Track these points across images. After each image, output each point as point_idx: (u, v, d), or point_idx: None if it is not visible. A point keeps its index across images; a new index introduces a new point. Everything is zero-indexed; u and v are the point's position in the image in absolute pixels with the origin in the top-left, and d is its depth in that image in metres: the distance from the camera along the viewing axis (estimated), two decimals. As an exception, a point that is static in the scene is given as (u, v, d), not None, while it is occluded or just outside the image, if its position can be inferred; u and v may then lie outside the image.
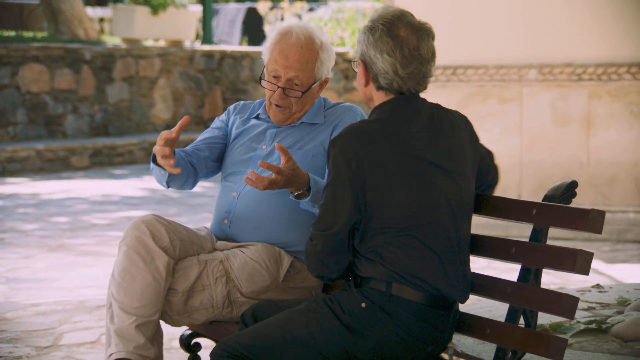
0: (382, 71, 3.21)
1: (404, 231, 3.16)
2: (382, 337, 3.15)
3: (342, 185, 3.17)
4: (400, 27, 3.21)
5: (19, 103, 13.87)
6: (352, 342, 3.15)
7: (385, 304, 3.14)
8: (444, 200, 3.20)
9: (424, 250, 3.17)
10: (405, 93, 3.24)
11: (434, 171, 3.20)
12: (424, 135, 3.21)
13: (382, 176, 3.16)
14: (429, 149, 3.21)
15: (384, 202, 3.16)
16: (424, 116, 3.24)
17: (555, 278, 6.85)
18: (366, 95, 3.31)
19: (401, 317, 3.14)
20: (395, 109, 3.23)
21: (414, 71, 3.21)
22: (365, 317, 3.15)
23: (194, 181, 3.97)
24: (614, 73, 8.50)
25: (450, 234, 3.21)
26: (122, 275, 3.63)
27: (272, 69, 3.84)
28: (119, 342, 3.60)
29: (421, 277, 3.16)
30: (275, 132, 3.92)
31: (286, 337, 3.19)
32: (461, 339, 3.77)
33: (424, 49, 3.22)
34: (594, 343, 3.86)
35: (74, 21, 16.45)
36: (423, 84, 3.25)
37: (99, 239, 8.56)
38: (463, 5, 8.76)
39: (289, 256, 3.81)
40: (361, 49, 3.26)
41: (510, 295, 3.22)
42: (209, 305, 3.73)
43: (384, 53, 3.19)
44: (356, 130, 3.19)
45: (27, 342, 5.40)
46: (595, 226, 3.10)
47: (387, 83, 3.22)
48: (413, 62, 3.20)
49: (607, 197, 8.58)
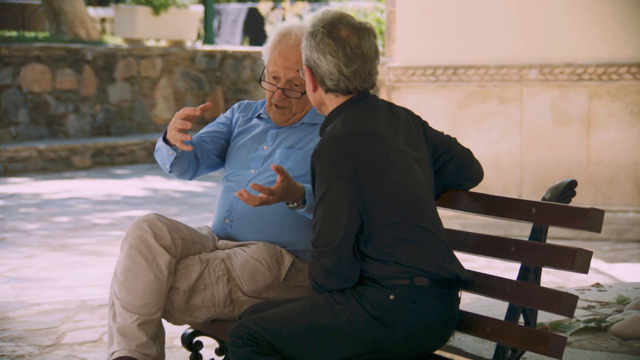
0: (327, 72, 3.27)
1: (408, 223, 3.21)
2: (412, 327, 3.18)
3: (337, 194, 3.18)
4: (341, 28, 3.27)
5: (20, 103, 13.90)
6: (384, 333, 3.18)
7: (413, 295, 3.18)
8: (425, 186, 3.28)
9: (430, 237, 3.23)
10: (352, 92, 3.29)
11: (411, 160, 3.28)
12: (390, 128, 3.29)
13: (375, 174, 3.20)
14: (399, 140, 3.28)
15: (382, 199, 3.20)
16: (381, 110, 3.32)
17: (555, 277, 6.87)
18: (317, 100, 3.37)
19: (429, 305, 3.18)
20: (357, 108, 3.29)
21: (359, 69, 3.27)
22: (394, 308, 3.18)
23: (195, 172, 3.99)
24: (614, 73, 8.51)
25: (435, 219, 3.29)
26: (125, 274, 3.65)
27: (272, 70, 3.86)
28: (121, 340, 3.62)
29: (436, 265, 3.20)
30: (276, 133, 3.94)
31: (313, 325, 3.21)
32: (461, 337, 3.79)
33: (366, 46, 3.28)
34: (593, 341, 3.89)
35: (76, 21, 16.47)
36: (369, 81, 3.31)
37: (100, 239, 8.59)
38: (464, 6, 8.78)
39: (290, 255, 3.83)
40: (305, 55, 3.32)
41: (510, 293, 3.25)
42: (210, 304, 3.75)
43: (327, 54, 3.25)
44: (336, 137, 3.23)
45: (29, 341, 5.42)
46: (594, 225, 3.12)
47: (334, 84, 3.28)
48: (356, 60, 3.26)
49: (607, 196, 8.60)
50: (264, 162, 3.90)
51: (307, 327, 3.22)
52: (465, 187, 3.56)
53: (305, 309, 3.26)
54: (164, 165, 3.91)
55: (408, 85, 8.90)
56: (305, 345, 3.22)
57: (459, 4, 8.78)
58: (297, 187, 3.53)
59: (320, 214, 3.21)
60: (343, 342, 3.21)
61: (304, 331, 3.22)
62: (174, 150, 3.80)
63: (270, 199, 3.45)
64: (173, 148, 3.81)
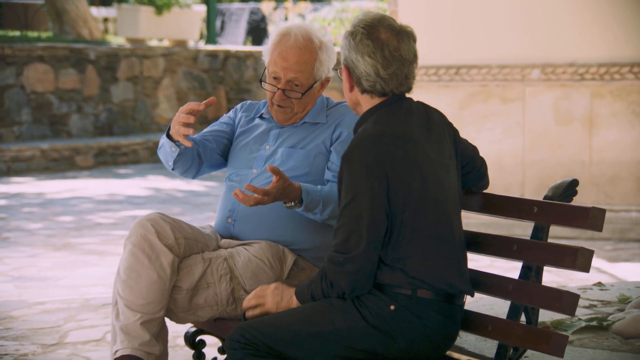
0: (364, 74, 3.24)
1: (425, 233, 3.18)
2: (412, 338, 3.18)
3: (366, 198, 3.14)
4: (381, 30, 3.24)
5: (23, 103, 13.91)
6: (382, 342, 3.18)
7: (414, 307, 3.17)
8: (447, 196, 3.24)
9: (445, 250, 3.20)
10: (388, 94, 3.27)
11: (437, 167, 3.24)
12: (422, 132, 3.26)
13: (400, 177, 3.17)
14: (430, 146, 3.25)
15: (403, 203, 3.16)
16: (415, 114, 3.29)
17: (557, 276, 6.88)
18: (352, 100, 3.34)
19: (429, 317, 3.18)
20: (390, 110, 3.26)
21: (396, 72, 3.24)
22: (394, 319, 3.17)
23: (198, 170, 4.00)
24: (617, 73, 8.52)
25: (454, 230, 3.25)
26: (128, 273, 3.66)
27: (272, 70, 3.87)
28: (124, 339, 3.63)
29: (442, 279, 3.19)
30: (279, 133, 3.95)
31: (310, 331, 3.21)
32: (463, 336, 3.80)
33: (405, 50, 3.24)
34: (595, 340, 3.89)
35: (79, 21, 16.49)
36: (406, 85, 3.28)
37: (103, 238, 8.60)
38: (466, 6, 8.79)
39: (293, 254, 3.84)
40: (344, 54, 3.30)
41: (512, 292, 3.25)
42: (213, 303, 3.76)
43: (365, 55, 3.23)
44: (366, 139, 3.19)
45: (32, 340, 5.43)
46: (596, 224, 3.13)
47: (370, 85, 3.25)
48: (394, 63, 3.23)
49: (610, 196, 8.60)
50: (266, 161, 3.91)
51: (306, 332, 3.21)
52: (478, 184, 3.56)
53: (305, 314, 3.25)
54: (167, 162, 3.92)
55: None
56: (304, 351, 3.22)
57: (461, 4, 8.79)
58: (293, 187, 3.55)
59: (347, 217, 3.16)
60: (341, 349, 3.20)
61: (302, 336, 3.21)
62: (177, 146, 3.82)
63: (265, 199, 3.48)
64: (176, 144, 3.82)
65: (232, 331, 3.29)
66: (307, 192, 3.60)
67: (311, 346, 3.21)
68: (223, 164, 4.08)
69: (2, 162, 12.95)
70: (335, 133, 3.87)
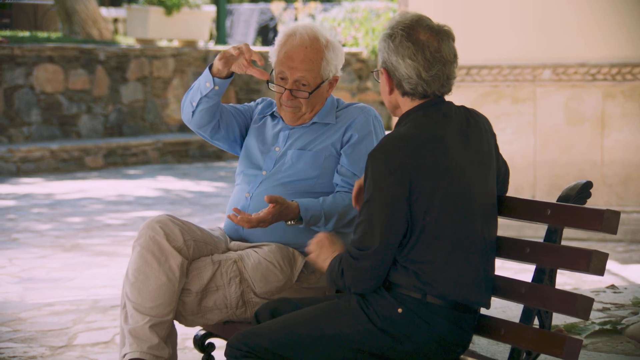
0: (405, 76, 3.18)
1: (446, 241, 3.14)
2: (420, 343, 3.15)
3: (385, 198, 3.11)
4: (420, 31, 3.19)
5: (33, 103, 13.91)
6: (390, 346, 3.15)
7: (422, 311, 3.14)
8: (477, 204, 3.19)
9: (462, 260, 3.16)
10: (430, 96, 3.22)
11: (469, 175, 3.19)
12: (458, 138, 3.20)
13: (426, 181, 3.12)
14: (463, 152, 3.19)
15: (427, 212, 3.12)
16: (454, 119, 3.23)
17: (569, 278, 6.83)
18: (392, 103, 3.28)
19: (437, 323, 3.14)
20: (427, 113, 3.21)
21: (438, 73, 3.18)
22: (402, 323, 3.14)
23: (214, 131, 3.96)
24: (629, 73, 8.47)
25: (480, 240, 3.20)
26: (136, 276, 3.64)
27: (279, 70, 3.84)
28: (133, 342, 3.61)
29: (455, 289, 3.15)
30: (288, 134, 3.92)
31: (315, 334, 3.18)
32: (476, 340, 3.76)
33: (446, 50, 3.19)
34: (609, 344, 3.85)
35: (88, 21, 16.49)
36: (447, 86, 3.23)
37: (113, 239, 8.58)
38: (476, 6, 8.75)
39: (303, 256, 3.81)
40: (382, 57, 3.23)
41: (525, 295, 3.21)
42: (222, 306, 3.73)
43: (406, 58, 3.17)
44: (396, 141, 3.15)
45: (41, 342, 5.41)
46: (610, 226, 3.09)
47: (412, 88, 3.20)
48: (435, 64, 3.18)
49: (621, 197, 8.55)
50: (276, 163, 3.89)
51: (311, 335, 3.18)
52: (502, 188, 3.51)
53: (310, 317, 3.22)
54: (192, 102, 3.88)
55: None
56: (310, 354, 3.18)
57: (471, 4, 8.75)
58: (290, 208, 3.62)
59: (365, 215, 3.13)
60: (348, 352, 3.17)
61: (308, 340, 3.18)
62: (214, 82, 3.79)
63: (261, 225, 3.60)
64: (214, 80, 3.78)
65: (232, 338, 3.24)
66: (306, 209, 3.63)
67: (317, 349, 3.18)
68: (236, 142, 4.02)
69: (12, 162, 12.94)
70: (345, 135, 3.84)
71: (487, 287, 3.24)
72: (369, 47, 15.40)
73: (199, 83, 3.86)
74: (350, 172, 3.78)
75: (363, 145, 3.81)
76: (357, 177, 3.75)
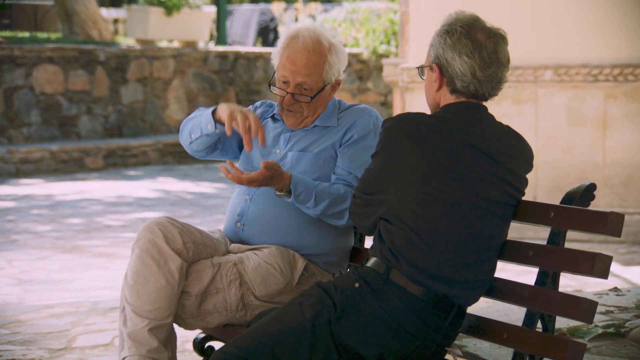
0: (459, 73, 3.17)
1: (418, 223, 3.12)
2: (367, 320, 3.09)
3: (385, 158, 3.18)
4: (478, 30, 3.19)
5: (33, 104, 13.88)
6: (337, 320, 3.09)
7: (379, 287, 3.10)
8: (472, 205, 3.14)
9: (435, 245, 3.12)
10: (479, 97, 3.20)
11: (472, 176, 3.15)
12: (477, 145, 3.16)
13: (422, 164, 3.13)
14: (477, 159, 3.15)
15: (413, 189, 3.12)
16: (484, 125, 3.20)
17: (571, 280, 6.80)
18: (435, 100, 3.27)
19: (392, 303, 3.09)
20: (460, 112, 3.20)
21: (492, 74, 3.18)
22: (355, 297, 3.11)
23: (209, 154, 4.01)
24: (631, 74, 8.44)
25: (473, 240, 3.15)
26: (135, 278, 3.60)
27: (281, 74, 3.81)
28: (132, 345, 3.58)
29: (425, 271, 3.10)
30: (289, 136, 3.89)
31: (283, 330, 3.13)
32: (477, 343, 3.73)
33: (501, 53, 3.20)
34: (612, 347, 3.82)
35: (88, 22, 16.46)
36: (497, 89, 3.22)
37: (112, 240, 8.55)
38: (476, 6, 8.71)
39: (303, 259, 3.78)
40: (436, 52, 3.21)
41: (528, 299, 3.18)
42: (222, 309, 3.70)
43: (463, 55, 3.16)
44: (412, 117, 3.19)
45: (40, 345, 5.38)
46: (615, 229, 3.05)
47: (464, 86, 3.19)
48: (492, 65, 3.17)
49: (623, 198, 8.52)
50: (276, 165, 3.85)
51: (280, 334, 3.12)
52: None
53: (275, 316, 3.19)
54: (191, 134, 3.87)
55: (422, 87, 8.83)
56: (283, 353, 3.11)
57: (472, 5, 8.71)
58: (282, 177, 3.60)
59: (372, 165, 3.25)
60: (312, 340, 3.10)
61: (274, 338, 3.12)
62: (215, 126, 3.77)
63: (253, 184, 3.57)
64: (217, 125, 3.76)
65: (213, 356, 3.18)
66: (296, 184, 3.60)
67: (284, 344, 3.11)
68: (236, 154, 4.02)
69: (12, 163, 12.92)
70: (345, 136, 3.81)
71: (473, 286, 3.18)
72: (370, 47, 15.37)
73: (199, 120, 3.83)
74: (346, 171, 3.74)
75: (361, 144, 3.77)
76: (353, 175, 3.71)
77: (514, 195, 3.22)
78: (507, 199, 3.20)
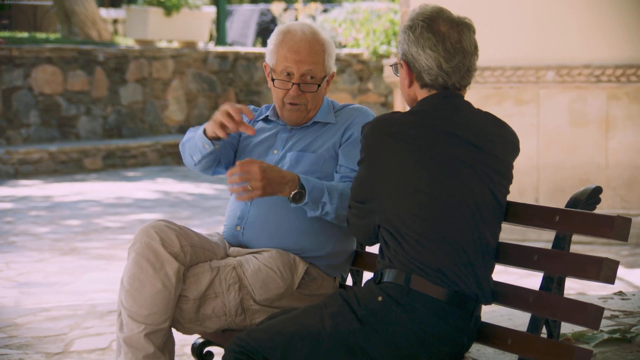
0: (425, 67, 3.17)
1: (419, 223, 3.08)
2: (397, 333, 3.05)
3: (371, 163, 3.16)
4: (440, 22, 3.18)
5: (32, 104, 13.83)
6: (365, 336, 3.06)
7: (402, 299, 3.05)
8: (470, 200, 3.10)
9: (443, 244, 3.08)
10: (450, 88, 3.19)
11: (464, 170, 3.11)
12: (460, 134, 3.14)
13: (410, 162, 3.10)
14: (463, 149, 3.13)
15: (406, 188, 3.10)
16: (464, 114, 3.18)
17: (574, 283, 6.74)
18: (410, 96, 3.27)
19: (418, 313, 3.05)
20: (436, 103, 3.18)
21: (458, 64, 3.17)
22: (381, 311, 3.06)
23: (216, 168, 3.91)
24: (634, 74, 8.38)
25: (474, 235, 3.11)
26: (131, 283, 3.54)
27: (283, 67, 3.74)
28: (128, 351, 3.52)
29: (442, 271, 3.06)
30: (287, 136, 3.83)
31: (300, 332, 3.11)
32: (481, 349, 3.67)
33: (466, 42, 3.19)
34: (618, 353, 3.77)
35: (87, 22, 16.41)
36: (467, 78, 3.22)
37: (111, 242, 8.49)
38: (477, 6, 8.66)
39: (304, 263, 3.72)
40: (402, 49, 3.22)
41: (533, 304, 3.12)
42: (221, 313, 3.64)
43: (426, 49, 3.16)
44: (389, 117, 3.17)
45: (37, 349, 5.31)
46: (621, 233, 3.00)
47: (432, 79, 3.18)
48: (456, 55, 3.16)
49: (626, 200, 8.46)
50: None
51: (296, 335, 3.11)
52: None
53: (296, 316, 3.17)
54: (193, 156, 3.79)
55: (423, 87, 8.78)
56: (295, 355, 3.10)
57: (473, 4, 8.66)
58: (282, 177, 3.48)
59: (359, 173, 3.24)
60: (328, 349, 3.08)
61: (292, 340, 3.11)
62: (212, 144, 3.70)
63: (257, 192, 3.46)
64: (212, 142, 3.70)
65: (230, 342, 3.20)
66: (306, 179, 3.52)
67: (302, 348, 3.10)
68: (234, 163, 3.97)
69: (10, 164, 12.86)
70: (345, 135, 3.76)
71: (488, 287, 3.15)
72: (370, 48, 15.31)
73: (195, 142, 3.76)
74: (349, 169, 3.69)
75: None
76: (355, 173, 3.66)
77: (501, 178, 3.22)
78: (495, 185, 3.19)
